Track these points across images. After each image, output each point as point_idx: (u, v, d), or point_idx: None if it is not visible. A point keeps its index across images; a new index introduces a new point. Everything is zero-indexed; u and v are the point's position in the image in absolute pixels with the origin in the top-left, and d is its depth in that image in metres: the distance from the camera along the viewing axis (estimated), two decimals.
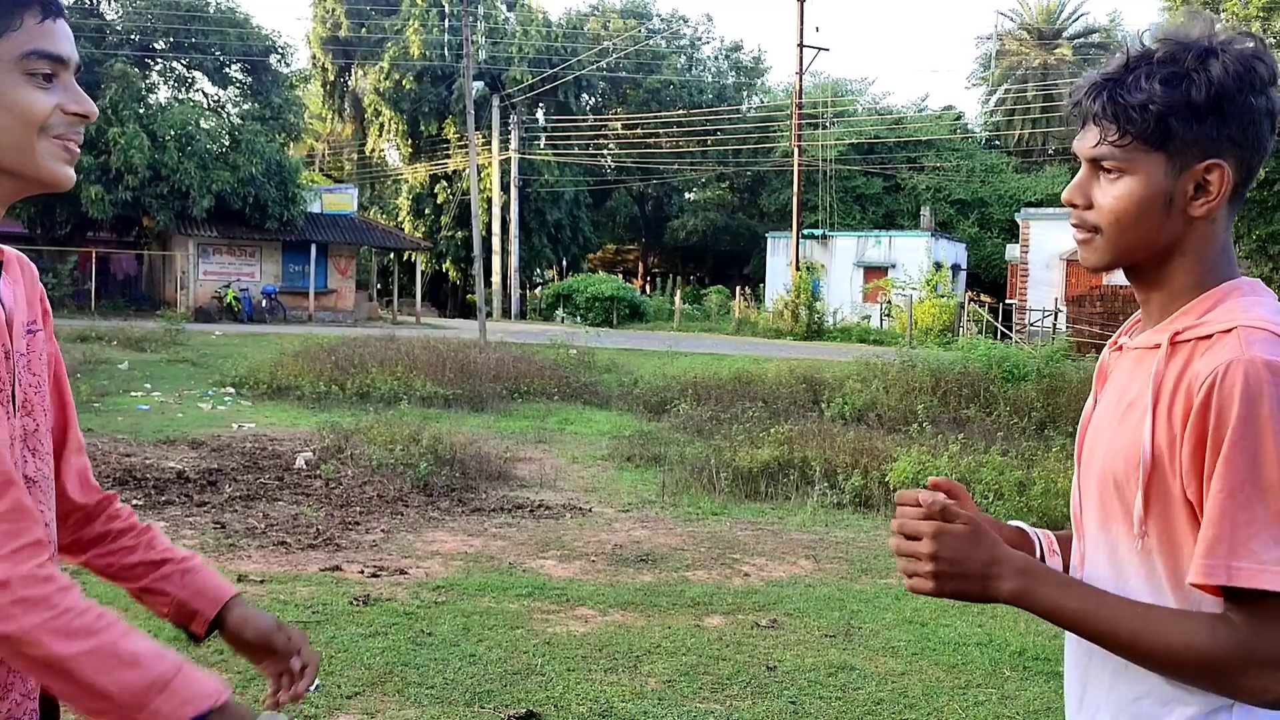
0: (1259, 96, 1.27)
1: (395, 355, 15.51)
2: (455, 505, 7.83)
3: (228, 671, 4.24)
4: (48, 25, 1.25)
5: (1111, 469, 1.33)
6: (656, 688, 4.29)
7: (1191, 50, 1.26)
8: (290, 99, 35.26)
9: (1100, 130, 1.30)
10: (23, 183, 1.27)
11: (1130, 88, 1.27)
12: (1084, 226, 1.35)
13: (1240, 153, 1.28)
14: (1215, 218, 1.30)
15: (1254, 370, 1.18)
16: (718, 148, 44.21)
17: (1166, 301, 1.34)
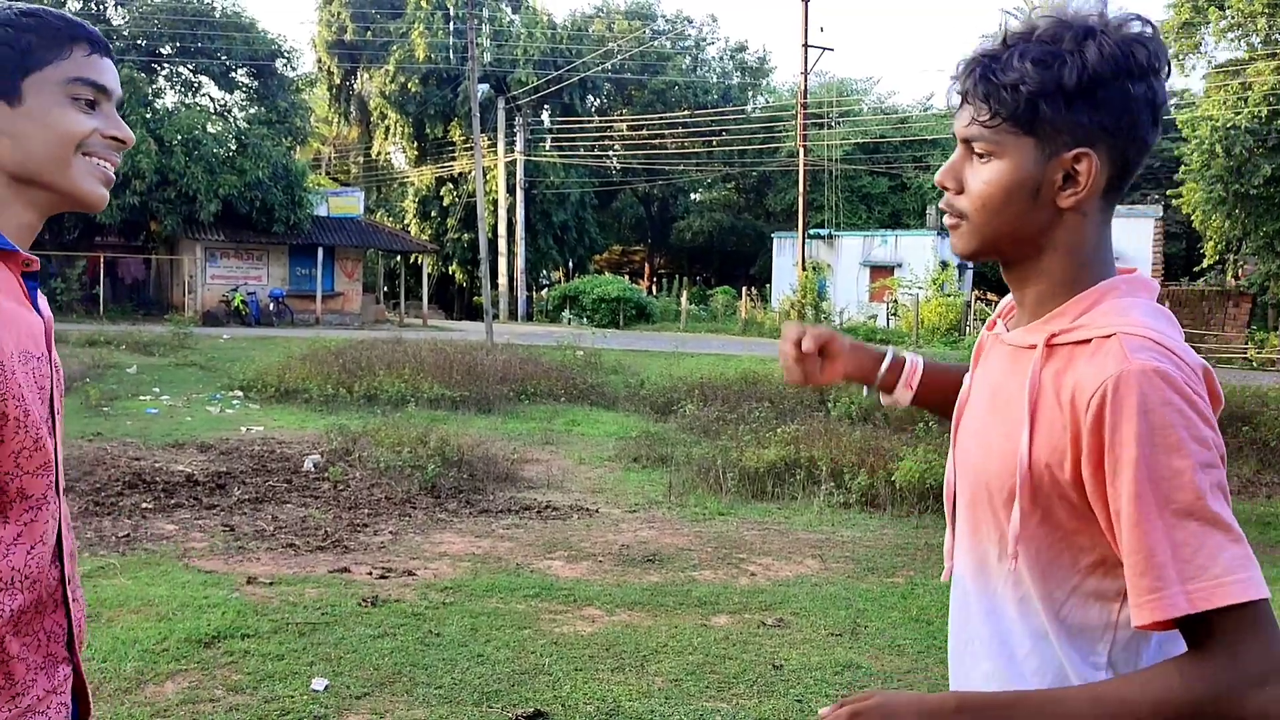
0: (1137, 83, 1.18)
1: (402, 358, 15.55)
2: (463, 507, 7.86)
3: (238, 672, 4.28)
4: (94, 59, 1.36)
5: (984, 474, 1.27)
6: (663, 687, 4.32)
7: (1073, 30, 1.18)
8: (296, 103, 35.34)
9: (973, 110, 1.23)
10: (58, 198, 1.35)
11: (1004, 67, 1.20)
12: (952, 211, 1.28)
13: (1114, 142, 1.20)
14: (1086, 211, 1.23)
15: (1144, 380, 1.10)
16: (723, 148, 44.23)
17: (1040, 298, 1.27)
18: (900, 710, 1.16)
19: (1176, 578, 1.08)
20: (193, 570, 5.81)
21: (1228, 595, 1.07)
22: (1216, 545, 1.08)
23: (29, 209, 1.33)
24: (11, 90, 1.30)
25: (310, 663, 4.40)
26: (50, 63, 1.32)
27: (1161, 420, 1.09)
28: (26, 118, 1.31)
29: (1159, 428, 1.09)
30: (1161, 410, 1.09)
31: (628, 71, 44.85)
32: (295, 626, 4.84)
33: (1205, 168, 25.54)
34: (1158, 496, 1.09)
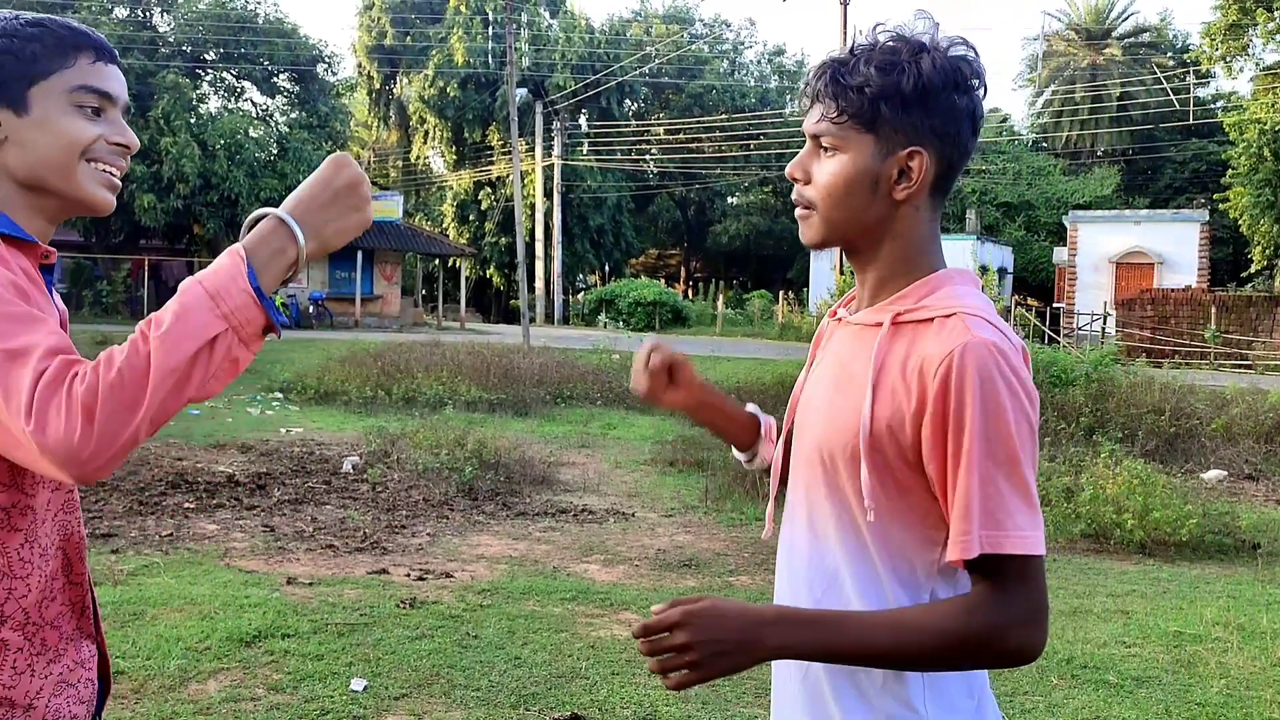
0: (961, 95, 1.36)
1: (440, 360, 15.64)
2: (500, 509, 7.89)
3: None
4: (99, 66, 1.39)
5: (828, 442, 1.40)
6: (700, 692, 4.30)
7: (909, 45, 1.36)
8: (336, 107, 35.74)
9: (823, 108, 1.39)
10: (65, 203, 1.38)
11: (851, 70, 1.36)
12: (801, 202, 1.43)
13: (941, 145, 1.37)
14: (919, 205, 1.39)
15: (985, 352, 1.27)
16: (760, 152, 44.11)
17: (880, 281, 1.42)
18: (727, 613, 1.30)
19: (979, 524, 1.26)
20: (234, 570, 5.88)
21: (1014, 546, 1.26)
22: (1016, 505, 1.27)
23: (40, 214, 1.37)
24: (19, 99, 1.34)
25: (349, 663, 4.43)
26: (55, 71, 1.35)
27: (996, 390, 1.26)
28: (33, 126, 1.34)
29: (993, 396, 1.26)
30: (998, 381, 1.26)
31: (665, 75, 44.87)
32: (334, 627, 4.87)
33: (1253, 171, 25.13)
34: (985, 454, 1.26)
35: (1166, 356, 24.20)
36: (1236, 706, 4.29)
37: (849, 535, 1.39)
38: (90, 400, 1.10)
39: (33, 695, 1.25)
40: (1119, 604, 5.74)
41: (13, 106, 1.34)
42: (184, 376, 1.15)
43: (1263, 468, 10.32)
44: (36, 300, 1.24)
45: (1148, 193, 41.09)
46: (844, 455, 1.37)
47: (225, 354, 1.18)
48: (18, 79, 1.33)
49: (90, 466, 1.11)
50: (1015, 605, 1.28)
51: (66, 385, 1.11)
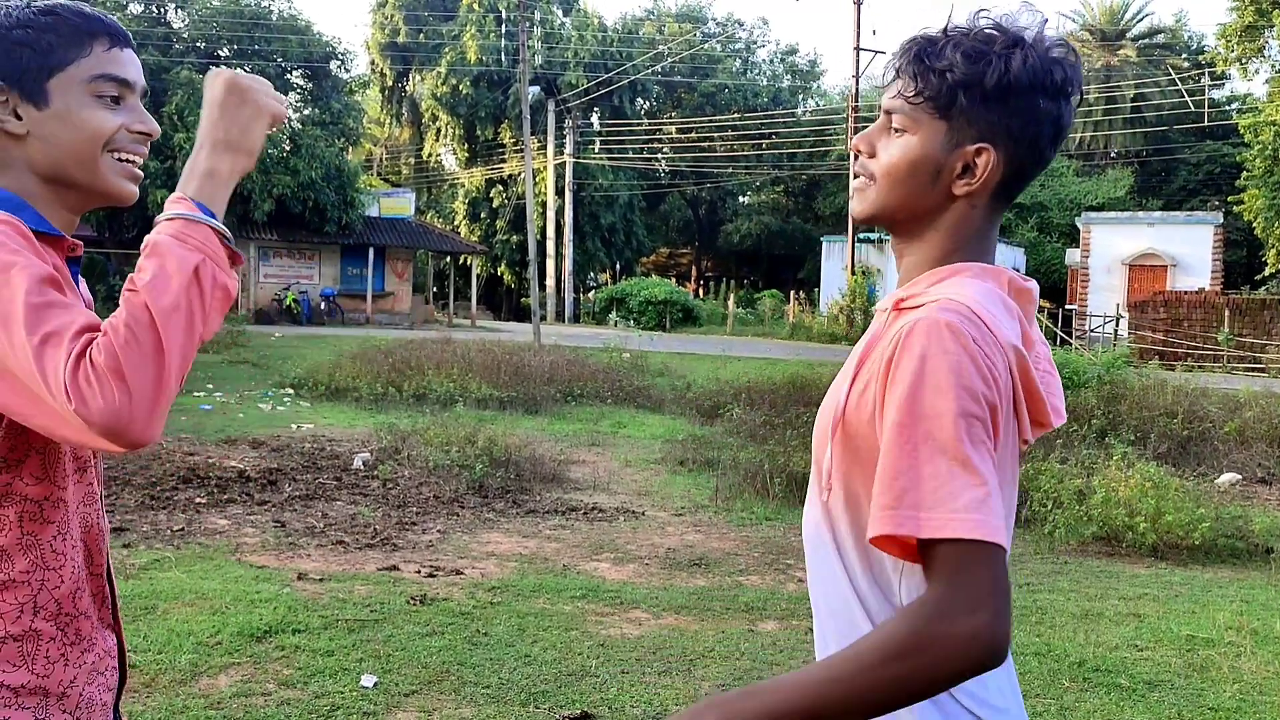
0: (1048, 100, 1.29)
1: (451, 358, 15.66)
2: (510, 507, 7.89)
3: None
4: (115, 53, 1.37)
5: (822, 421, 1.38)
6: (710, 691, 4.29)
7: (1005, 37, 1.29)
8: (349, 104, 35.77)
9: (901, 84, 1.34)
10: (88, 195, 1.37)
11: (938, 52, 1.30)
12: (863, 173, 1.39)
13: (1014, 147, 1.30)
14: (976, 204, 1.33)
15: (934, 327, 1.20)
16: (772, 151, 44.06)
17: (910, 269, 1.39)
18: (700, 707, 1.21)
19: (916, 504, 1.16)
20: (245, 565, 5.89)
21: (959, 529, 1.14)
22: (961, 485, 1.15)
23: (63, 206, 1.37)
24: (38, 93, 1.33)
25: (360, 659, 4.44)
26: (73, 61, 1.34)
27: (935, 364, 1.18)
28: (54, 119, 1.33)
29: (931, 370, 1.18)
30: (938, 355, 1.19)
31: (678, 74, 44.85)
32: (345, 623, 4.88)
33: (1268, 174, 24.99)
34: (916, 430, 1.17)
35: (1179, 359, 24.08)
36: (1249, 711, 4.27)
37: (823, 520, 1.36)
38: (113, 362, 1.13)
39: (66, 684, 1.27)
40: (1131, 607, 5.71)
41: (33, 100, 1.33)
42: (186, 312, 1.19)
43: (1276, 471, 10.26)
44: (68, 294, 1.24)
45: (1161, 195, 40.90)
46: (824, 435, 1.36)
47: (212, 281, 1.23)
48: (36, 71, 1.32)
49: (137, 428, 1.14)
50: (964, 591, 1.12)
51: (89, 357, 1.14)
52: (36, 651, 1.25)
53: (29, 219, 1.31)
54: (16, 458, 1.25)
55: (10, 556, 1.25)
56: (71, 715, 1.27)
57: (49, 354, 1.14)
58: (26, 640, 1.24)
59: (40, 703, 1.25)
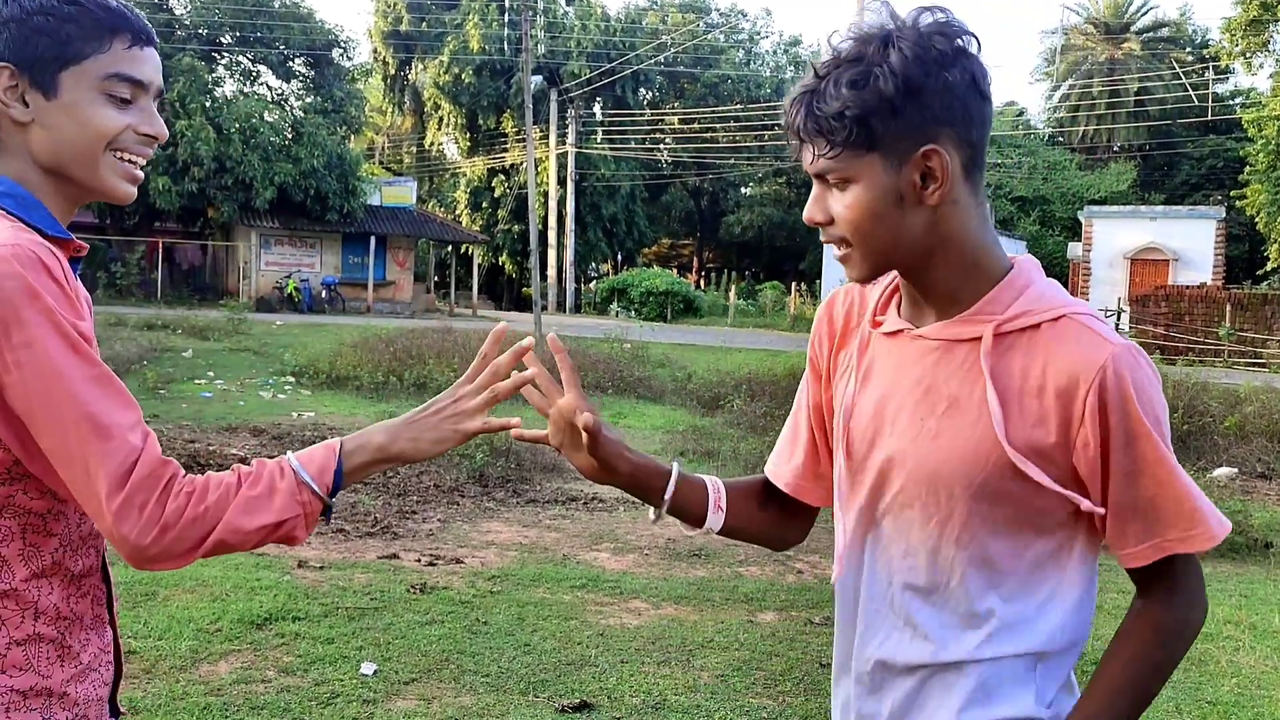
0: (951, 70, 1.22)
1: (452, 347, 15.65)
2: (510, 496, 7.90)
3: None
4: (135, 52, 1.34)
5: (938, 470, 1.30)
6: (709, 682, 4.30)
7: (872, 43, 1.23)
8: (351, 92, 35.76)
9: (814, 146, 1.27)
10: (85, 191, 1.36)
11: (825, 98, 1.23)
12: (834, 241, 1.32)
13: (954, 130, 1.24)
14: (955, 199, 1.27)
15: (1131, 359, 1.24)
16: (775, 143, 43.93)
17: (950, 291, 1.31)
18: None
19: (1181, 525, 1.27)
20: (245, 552, 5.89)
21: (1223, 529, 1.30)
22: (1198, 495, 1.28)
23: (61, 198, 1.35)
24: (49, 83, 1.29)
25: (359, 647, 4.45)
26: (89, 56, 1.30)
27: (1150, 395, 1.24)
28: (61, 111, 1.30)
29: (1152, 400, 1.24)
30: (1149, 385, 1.24)
31: (680, 64, 44.74)
32: (345, 611, 4.89)
33: (1271, 168, 24.95)
34: (1169, 456, 1.26)
35: (1180, 354, 24.07)
36: (1248, 705, 4.27)
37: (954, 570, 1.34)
38: (174, 520, 1.20)
39: (65, 683, 1.29)
40: (1130, 600, 5.71)
41: (42, 88, 1.30)
42: (246, 538, 1.27)
43: (1276, 466, 10.26)
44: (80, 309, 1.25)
45: (1164, 189, 40.84)
46: (959, 486, 1.30)
47: (286, 532, 1.30)
48: (50, 60, 1.29)
49: (148, 566, 1.23)
50: (1190, 590, 1.33)
51: (158, 495, 1.20)
52: (39, 654, 1.27)
53: (41, 219, 1.29)
54: (20, 472, 1.25)
55: (11, 566, 1.26)
56: (71, 713, 1.30)
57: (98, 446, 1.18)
58: (30, 644, 1.26)
59: (45, 703, 1.27)
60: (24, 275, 1.18)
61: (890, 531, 1.37)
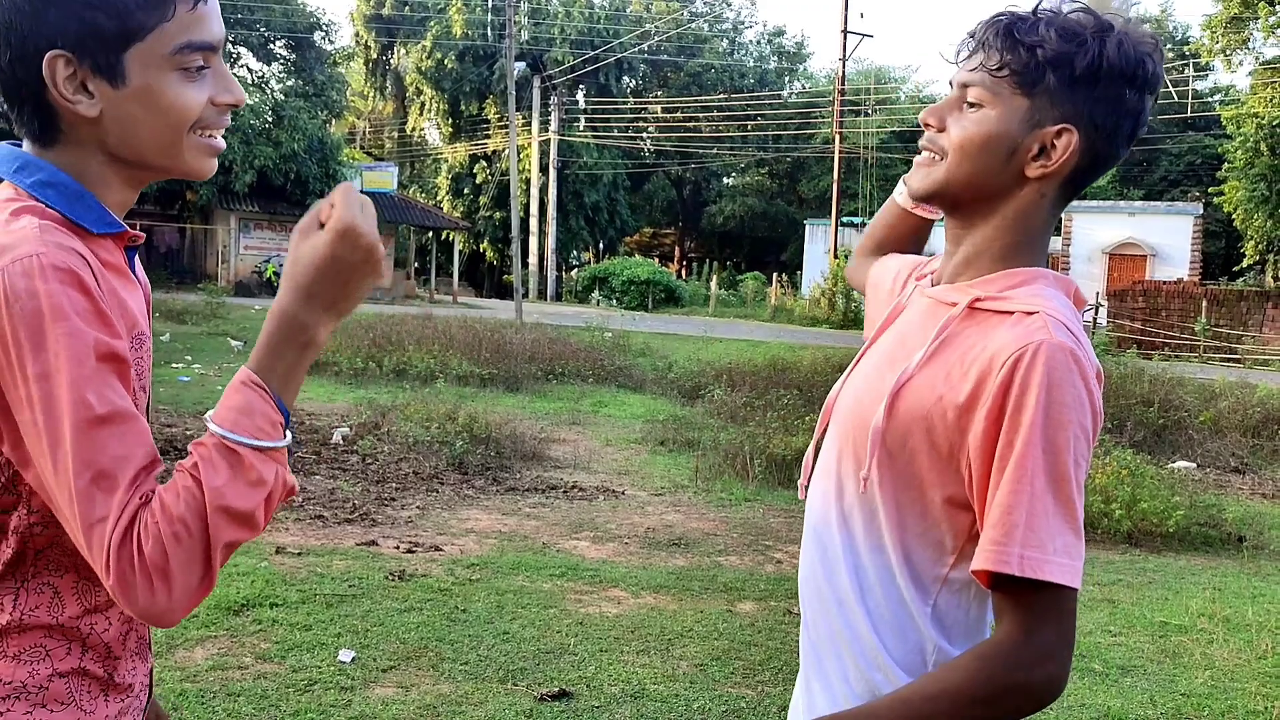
0: (1133, 92, 1.26)
1: (432, 334, 15.60)
2: (490, 484, 7.88)
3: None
4: (199, 10, 1.17)
5: (866, 410, 1.33)
6: (688, 671, 4.31)
7: (1098, 23, 1.26)
8: (333, 76, 35.48)
9: (984, 55, 1.28)
10: (162, 174, 1.23)
11: (1029, 28, 1.26)
12: (931, 146, 1.34)
13: (1094, 135, 1.26)
14: (1045, 191, 1.29)
15: (1060, 355, 1.18)
16: (758, 133, 43.98)
17: (971, 258, 1.34)
18: None
19: (1021, 540, 1.16)
20: None
21: (1051, 572, 1.15)
22: (1060, 528, 1.16)
23: (127, 186, 1.22)
24: (114, 68, 1.13)
25: (337, 634, 4.43)
26: (154, 27, 1.13)
27: (1061, 397, 1.17)
28: (134, 99, 1.14)
29: (1057, 403, 1.17)
30: (1064, 387, 1.17)
31: (664, 53, 44.64)
32: (323, 597, 4.87)
33: (1249, 166, 25.15)
34: (1038, 465, 1.16)
35: (1157, 348, 24.27)
36: (1220, 697, 4.32)
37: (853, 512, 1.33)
38: (160, 560, 1.04)
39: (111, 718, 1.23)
40: (1105, 593, 5.77)
41: (108, 75, 1.13)
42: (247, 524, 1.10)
43: (1249, 461, 10.37)
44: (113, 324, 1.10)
45: (1143, 184, 41.10)
46: (866, 422, 1.32)
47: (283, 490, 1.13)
48: (111, 42, 1.12)
49: (169, 619, 1.07)
50: (1039, 638, 1.17)
51: (136, 545, 1.04)
52: (82, 689, 1.20)
53: (85, 212, 1.16)
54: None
55: (64, 600, 1.18)
56: None
57: (98, 499, 1.04)
58: (74, 678, 1.19)
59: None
60: (51, 291, 1.05)
61: (821, 464, 1.43)
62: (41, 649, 1.17)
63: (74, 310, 1.05)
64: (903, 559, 1.29)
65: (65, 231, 1.12)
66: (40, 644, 1.17)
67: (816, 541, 1.40)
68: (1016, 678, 1.17)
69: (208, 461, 1.08)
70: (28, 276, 1.05)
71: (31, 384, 1.05)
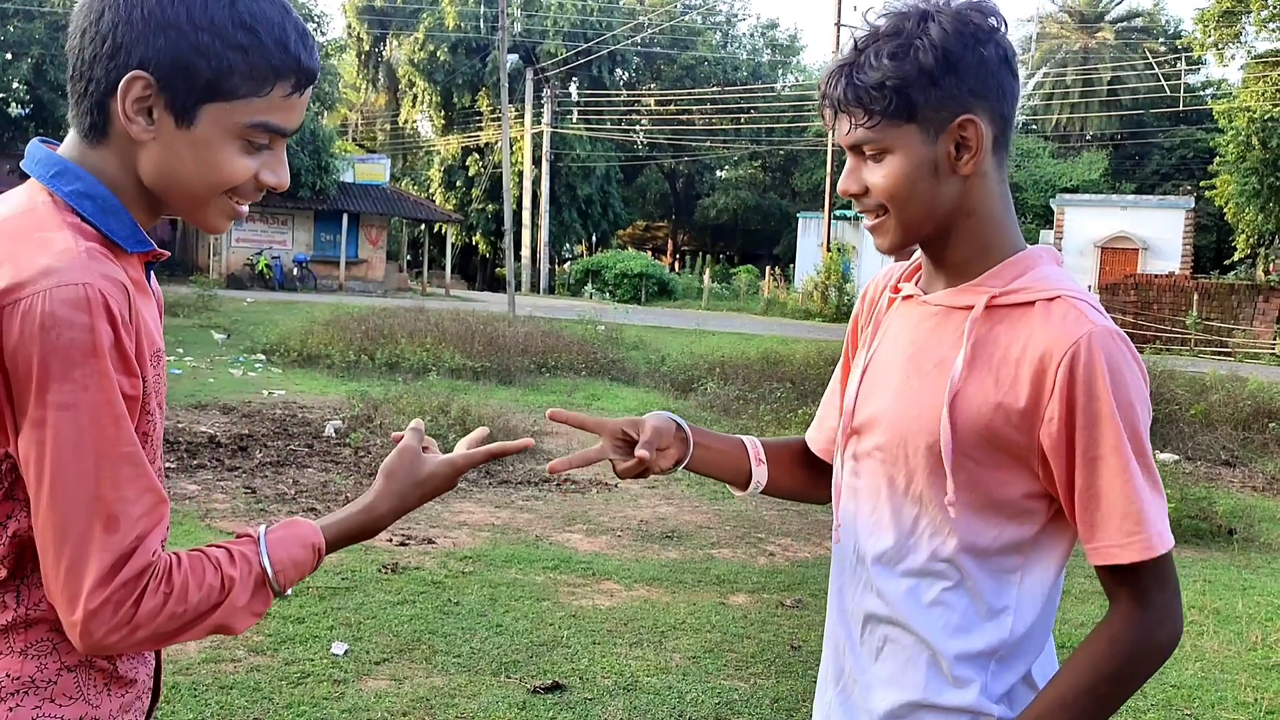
0: (987, 46, 1.27)
1: (425, 327, 15.57)
2: (482, 477, 7.88)
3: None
4: (293, 100, 1.18)
5: (904, 430, 1.33)
6: (681, 663, 4.32)
7: (910, 18, 1.27)
8: (325, 68, 35.30)
9: (850, 117, 1.30)
10: (177, 214, 1.24)
11: (864, 69, 1.27)
12: (870, 211, 1.35)
13: (988, 103, 1.29)
14: (985, 171, 1.32)
15: (1110, 342, 1.22)
16: (751, 126, 43.96)
17: (964, 261, 1.35)
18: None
19: (1136, 527, 1.21)
20: (214, 530, 5.85)
21: (1162, 545, 1.23)
22: (1156, 501, 1.23)
23: (149, 211, 1.22)
24: (188, 112, 1.13)
25: (330, 627, 4.43)
26: (244, 98, 1.14)
27: (1125, 380, 1.21)
28: (189, 143, 1.15)
29: (1123, 387, 1.21)
30: (1123, 371, 1.22)
31: (657, 46, 44.59)
32: (316, 590, 4.86)
33: (1240, 159, 25.19)
34: (1127, 450, 1.21)
35: (1148, 342, 24.35)
36: (1210, 689, 4.34)
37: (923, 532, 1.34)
38: (146, 621, 1.11)
39: (114, 714, 1.23)
40: (1096, 585, 5.78)
41: (177, 115, 1.13)
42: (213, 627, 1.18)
43: (1239, 454, 10.41)
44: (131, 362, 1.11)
45: (1135, 178, 41.17)
46: (924, 444, 1.31)
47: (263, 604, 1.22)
48: (201, 89, 1.13)
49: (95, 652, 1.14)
50: (1158, 604, 1.25)
51: (135, 595, 1.10)
52: (89, 683, 1.20)
53: (119, 228, 1.16)
54: None
55: None
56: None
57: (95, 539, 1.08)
58: (81, 671, 1.19)
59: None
60: (94, 327, 1.06)
61: (863, 488, 1.41)
62: (49, 643, 1.17)
63: (107, 350, 1.07)
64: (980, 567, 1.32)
65: (108, 257, 1.13)
66: (47, 638, 1.17)
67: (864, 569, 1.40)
68: (1148, 646, 1.25)
69: (244, 582, 1.18)
70: (73, 307, 1.05)
71: (50, 409, 1.05)
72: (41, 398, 1.05)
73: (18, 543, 1.16)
